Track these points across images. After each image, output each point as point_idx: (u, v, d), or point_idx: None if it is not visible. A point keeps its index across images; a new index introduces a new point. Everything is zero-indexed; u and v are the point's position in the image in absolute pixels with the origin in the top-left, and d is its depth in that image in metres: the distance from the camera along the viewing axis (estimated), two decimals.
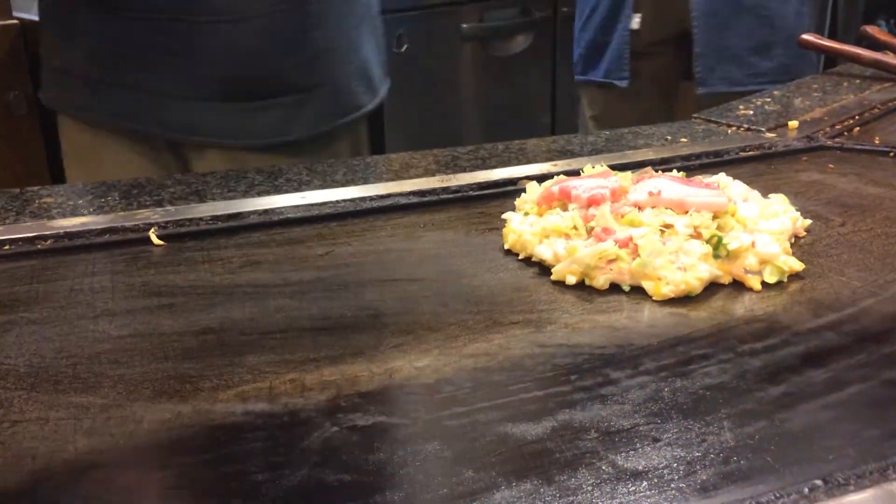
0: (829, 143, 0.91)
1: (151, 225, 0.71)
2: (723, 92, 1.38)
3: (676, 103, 1.58)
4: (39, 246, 0.68)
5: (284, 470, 0.41)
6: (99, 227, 0.71)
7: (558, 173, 0.75)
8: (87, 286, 0.62)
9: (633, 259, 0.59)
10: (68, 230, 0.70)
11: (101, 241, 0.69)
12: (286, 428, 0.45)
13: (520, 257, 0.65)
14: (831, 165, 0.85)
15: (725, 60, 1.43)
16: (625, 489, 0.40)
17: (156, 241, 0.70)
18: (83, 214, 0.74)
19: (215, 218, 0.73)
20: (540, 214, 0.67)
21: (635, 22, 1.46)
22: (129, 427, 0.45)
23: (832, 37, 3.23)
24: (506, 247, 0.67)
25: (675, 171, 0.73)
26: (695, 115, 1.03)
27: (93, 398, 0.48)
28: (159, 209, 0.75)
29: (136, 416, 0.46)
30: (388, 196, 0.77)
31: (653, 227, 0.61)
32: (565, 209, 0.66)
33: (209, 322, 0.57)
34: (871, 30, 1.26)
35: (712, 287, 0.60)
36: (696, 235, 0.61)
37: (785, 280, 0.60)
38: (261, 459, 0.43)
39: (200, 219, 0.73)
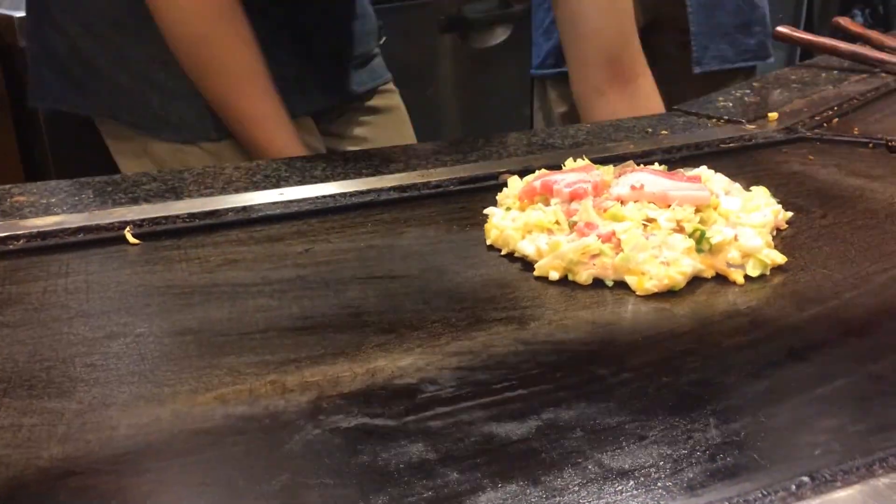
0: (809, 134, 0.91)
1: (127, 223, 0.70)
2: (714, 71, 1.42)
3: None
4: (11, 246, 0.67)
5: (266, 474, 0.41)
6: (73, 226, 0.69)
7: (540, 167, 0.75)
8: (61, 287, 0.61)
9: (616, 254, 0.59)
10: (41, 229, 0.68)
11: (75, 240, 0.68)
12: (267, 431, 0.44)
13: (502, 253, 0.65)
14: (811, 157, 0.85)
15: (717, 38, 1.45)
16: (611, 489, 0.39)
17: (131, 240, 0.68)
18: (56, 213, 0.72)
19: (192, 216, 0.72)
20: (522, 209, 0.66)
21: None
22: (105, 432, 0.44)
23: (808, 27, 3.26)
24: (488, 242, 0.66)
25: (656, 164, 0.72)
26: (675, 107, 1.03)
27: (68, 403, 0.47)
28: (135, 207, 0.73)
29: (112, 421, 0.45)
30: (369, 192, 0.77)
31: (635, 222, 0.60)
32: (547, 204, 0.65)
33: (187, 323, 0.56)
34: (843, 21, 1.26)
35: (695, 281, 0.59)
36: (679, 229, 0.61)
37: (768, 273, 0.60)
38: (242, 464, 0.42)
39: (177, 217, 0.72)
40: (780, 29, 1.23)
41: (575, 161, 0.73)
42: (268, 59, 0.93)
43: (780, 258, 0.61)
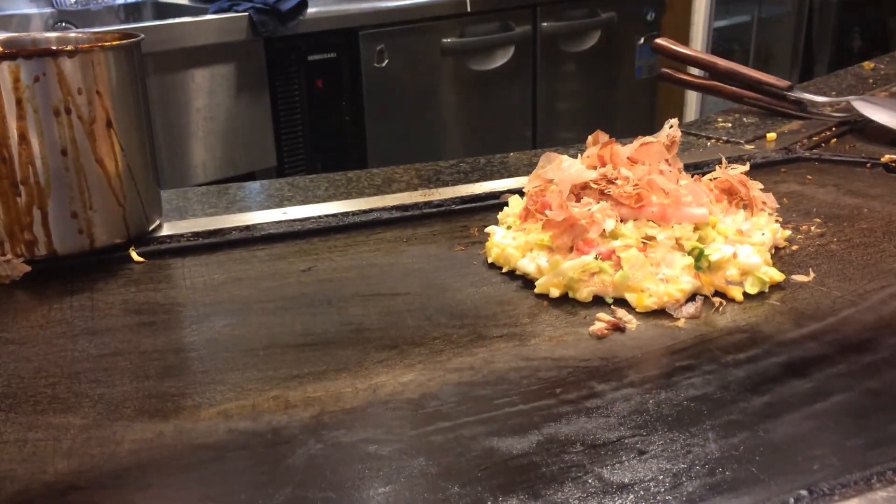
0: (807, 154, 0.92)
1: (131, 242, 0.70)
2: None
3: None
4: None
5: (268, 489, 0.41)
6: None
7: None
8: (66, 305, 0.61)
9: (616, 271, 0.59)
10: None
11: (80, 258, 0.68)
12: (270, 446, 0.44)
13: (503, 270, 0.65)
14: (809, 176, 0.86)
15: None
16: (611, 502, 0.40)
17: (136, 257, 0.69)
18: None
19: (196, 234, 0.73)
20: (522, 227, 0.67)
21: None
22: (109, 447, 0.45)
23: (808, 50, 3.27)
24: (489, 260, 0.67)
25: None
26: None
27: (72, 418, 0.47)
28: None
29: (116, 437, 0.46)
30: (371, 211, 0.77)
31: (635, 240, 0.61)
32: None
33: (191, 339, 0.56)
34: (663, 42, 1.12)
35: (694, 298, 0.60)
36: (678, 247, 0.61)
37: (766, 290, 0.61)
38: (245, 478, 0.42)
39: (181, 235, 0.72)
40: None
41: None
42: None
43: (779, 276, 0.61)
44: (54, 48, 0.64)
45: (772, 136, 0.97)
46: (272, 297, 0.62)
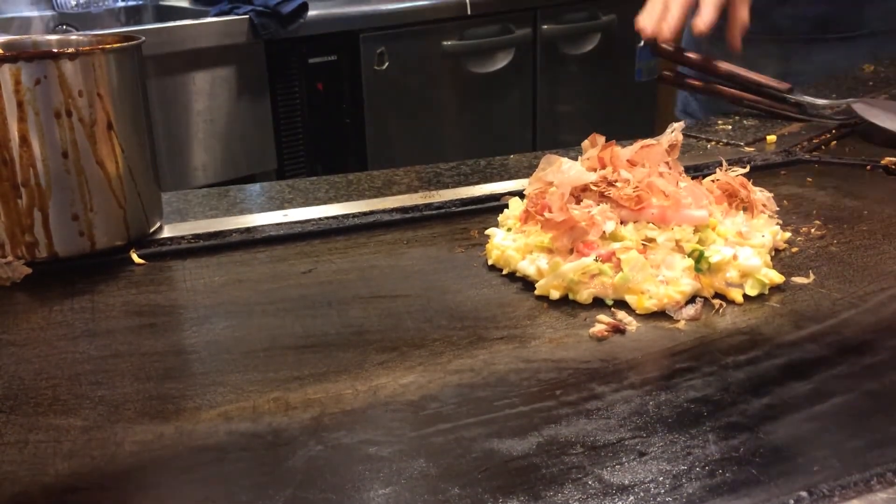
0: (807, 156, 0.92)
1: (132, 244, 0.71)
2: None
3: None
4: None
5: (269, 490, 0.41)
6: None
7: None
8: (66, 306, 0.61)
9: (616, 273, 0.59)
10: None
11: (80, 260, 0.69)
12: (270, 447, 0.45)
13: (503, 272, 0.65)
14: (809, 179, 0.86)
15: None
16: None
17: (137, 259, 0.69)
18: None
19: (197, 236, 0.73)
20: (523, 229, 0.67)
21: None
22: (110, 449, 0.45)
23: None
24: (489, 262, 0.67)
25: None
26: None
27: (73, 420, 0.47)
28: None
29: (117, 438, 0.46)
30: (371, 213, 0.77)
31: (635, 242, 0.61)
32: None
33: (191, 341, 0.56)
34: (663, 44, 1.08)
35: (694, 300, 0.60)
36: (678, 249, 0.61)
37: (766, 292, 0.61)
38: (245, 480, 0.42)
39: (182, 237, 0.73)
40: (665, 72, 1.12)
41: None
42: None
43: (779, 277, 0.61)
44: (55, 51, 0.64)
45: (772, 138, 0.98)
46: (273, 299, 0.62)
